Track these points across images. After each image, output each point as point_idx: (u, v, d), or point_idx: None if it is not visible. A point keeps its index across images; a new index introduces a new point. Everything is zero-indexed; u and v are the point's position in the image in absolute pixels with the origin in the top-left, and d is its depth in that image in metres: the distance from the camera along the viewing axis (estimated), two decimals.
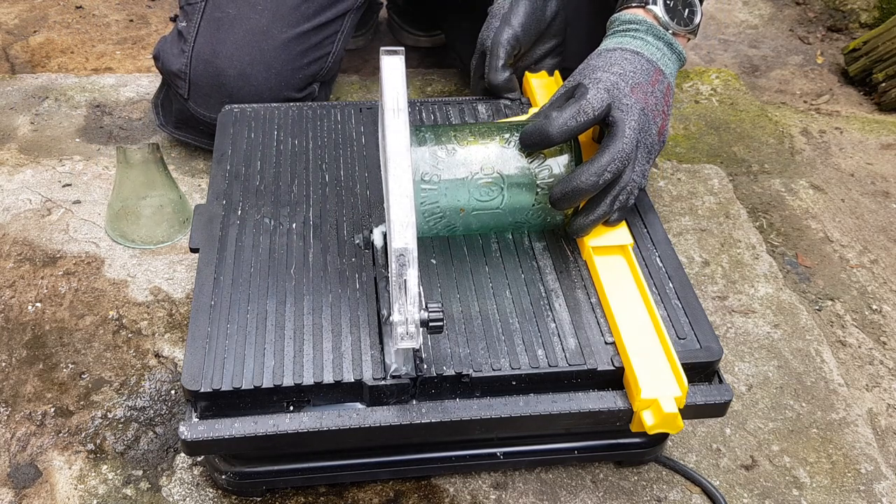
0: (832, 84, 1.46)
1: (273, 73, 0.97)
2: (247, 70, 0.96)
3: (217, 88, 0.96)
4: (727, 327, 0.88)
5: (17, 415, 0.75)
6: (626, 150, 0.68)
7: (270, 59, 0.96)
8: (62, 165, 1.04)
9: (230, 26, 0.96)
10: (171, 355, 0.81)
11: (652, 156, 0.73)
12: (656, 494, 0.72)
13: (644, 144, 0.71)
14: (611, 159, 0.68)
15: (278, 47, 0.97)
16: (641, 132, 0.71)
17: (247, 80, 0.96)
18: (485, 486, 0.71)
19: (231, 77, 0.95)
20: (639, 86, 0.72)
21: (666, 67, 0.76)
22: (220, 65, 0.95)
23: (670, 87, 0.77)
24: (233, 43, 0.96)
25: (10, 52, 1.38)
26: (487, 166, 0.69)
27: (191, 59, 0.96)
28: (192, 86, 0.97)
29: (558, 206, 0.69)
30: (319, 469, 0.68)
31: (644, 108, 0.71)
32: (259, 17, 0.97)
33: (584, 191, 0.67)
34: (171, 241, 0.93)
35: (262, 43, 0.96)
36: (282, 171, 0.80)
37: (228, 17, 0.97)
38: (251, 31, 0.96)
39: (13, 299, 0.86)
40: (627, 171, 0.70)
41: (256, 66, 0.96)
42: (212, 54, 0.96)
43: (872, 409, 0.82)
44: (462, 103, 0.90)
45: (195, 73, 0.96)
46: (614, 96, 0.70)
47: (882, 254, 1.01)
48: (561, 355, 0.63)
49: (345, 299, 0.67)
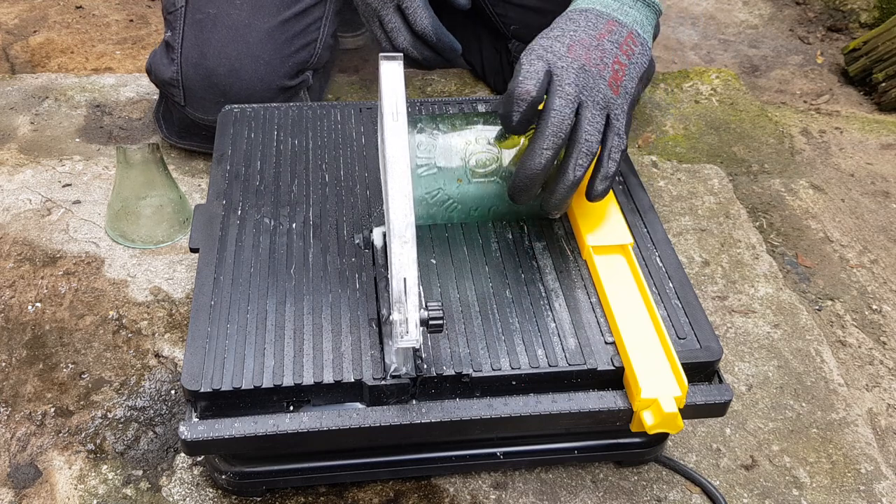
0: (832, 84, 1.46)
1: (262, 63, 0.97)
2: (235, 65, 0.96)
3: (210, 89, 0.97)
4: (727, 327, 0.88)
5: (17, 415, 0.75)
6: (556, 121, 0.65)
7: (257, 50, 0.97)
8: (62, 165, 1.04)
9: (213, 26, 0.97)
10: (171, 355, 0.81)
11: (612, 110, 0.69)
12: (656, 494, 0.72)
13: (593, 102, 0.68)
14: (543, 137, 0.65)
15: (263, 38, 0.97)
16: (584, 90, 0.67)
17: (237, 74, 0.96)
18: (485, 486, 0.71)
19: (221, 75, 0.96)
20: (579, 42, 0.69)
21: (625, 16, 0.73)
22: (208, 65, 0.96)
23: (632, 34, 0.73)
24: (218, 41, 0.96)
25: (10, 52, 1.38)
26: (482, 139, 0.71)
27: (181, 66, 0.97)
28: (186, 91, 0.98)
29: (518, 200, 0.68)
30: (319, 469, 0.68)
31: (584, 65, 0.68)
32: (239, 11, 0.98)
33: (532, 178, 0.66)
34: (171, 241, 0.93)
35: (247, 36, 0.97)
36: (282, 171, 0.80)
37: (209, 17, 0.97)
38: (233, 26, 0.97)
39: (13, 299, 0.86)
40: (579, 135, 0.67)
41: (244, 59, 0.96)
42: (200, 56, 0.96)
43: (872, 409, 0.82)
44: (462, 103, 0.90)
45: (186, 77, 0.97)
46: (549, 61, 0.68)
47: (882, 254, 1.01)
48: (561, 355, 0.63)
49: (345, 299, 0.67)
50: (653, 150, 1.14)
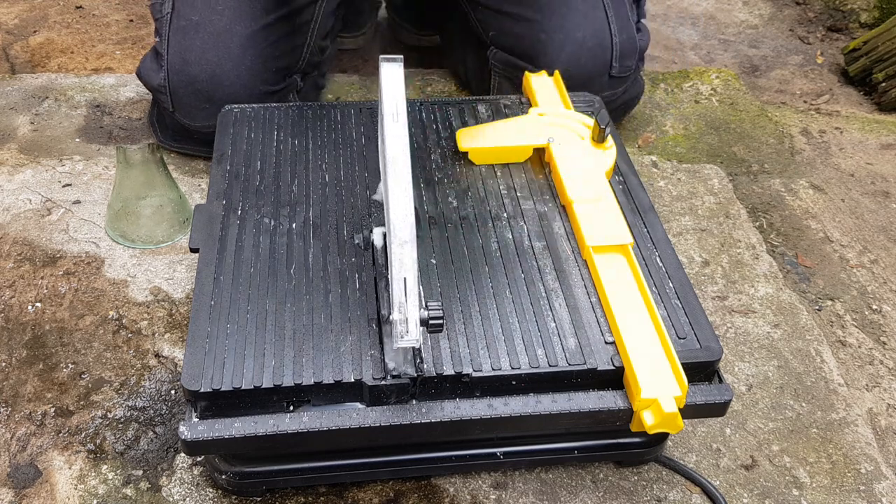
0: (832, 84, 1.46)
1: (244, 69, 0.97)
2: (216, 71, 0.96)
3: (194, 95, 0.97)
4: (727, 327, 0.88)
5: (17, 415, 0.75)
6: None
7: (238, 56, 0.97)
8: (62, 165, 1.04)
9: (195, 32, 0.97)
10: (171, 355, 0.81)
11: None
12: (656, 494, 0.72)
13: None
14: None
15: (244, 44, 0.97)
16: None
17: (218, 80, 0.96)
18: (485, 486, 0.71)
19: (203, 81, 0.96)
20: None
21: None
22: (191, 71, 0.96)
23: None
24: (199, 47, 0.97)
25: (10, 52, 1.38)
26: None
27: (167, 72, 0.98)
28: (173, 97, 0.98)
29: None
30: (319, 469, 0.68)
31: None
32: (220, 17, 0.98)
33: None
34: (171, 241, 0.93)
35: (228, 42, 0.97)
36: (282, 171, 0.80)
37: (192, 23, 0.98)
38: (215, 32, 0.97)
39: (13, 299, 0.86)
40: None
41: (225, 64, 0.96)
42: (182, 63, 0.97)
43: (872, 409, 0.82)
44: (462, 103, 0.90)
45: (172, 84, 0.98)
46: None
47: (882, 254, 1.01)
48: (561, 355, 0.63)
49: (345, 299, 0.67)
50: (653, 150, 1.14)
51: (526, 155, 0.83)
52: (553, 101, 0.89)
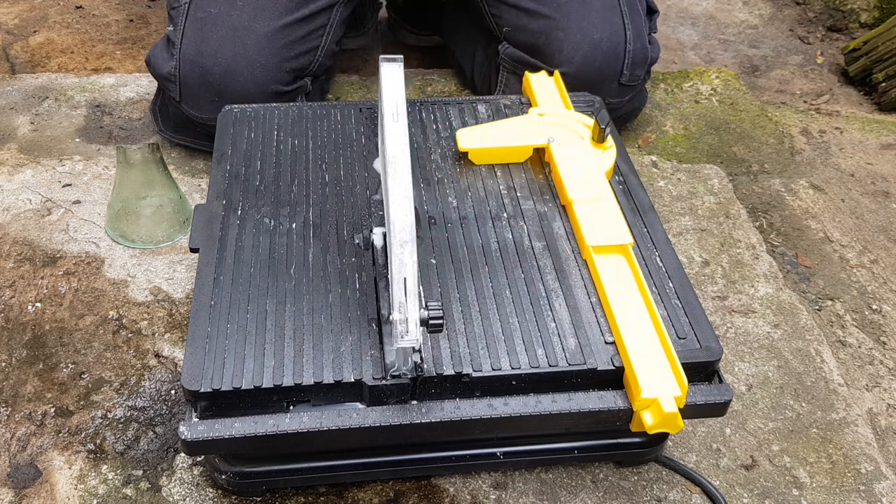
0: (832, 84, 1.46)
1: (258, 67, 0.97)
2: (231, 66, 0.96)
3: (205, 87, 0.97)
4: (727, 327, 0.88)
5: (17, 415, 0.75)
6: None
7: (254, 53, 0.97)
8: (62, 165, 1.04)
9: (213, 25, 0.97)
10: (171, 355, 0.81)
11: None
12: (656, 494, 0.72)
13: None
14: None
15: (261, 41, 0.97)
16: None
17: (232, 76, 0.96)
18: (485, 486, 0.71)
19: (216, 74, 0.96)
20: None
21: None
22: (205, 63, 0.96)
23: None
24: (216, 41, 0.96)
25: (10, 52, 1.38)
26: None
27: (179, 62, 0.97)
28: (182, 88, 0.98)
29: None
30: (319, 469, 0.68)
31: None
32: (240, 13, 0.98)
33: None
34: (171, 241, 0.93)
35: (245, 38, 0.97)
36: (282, 171, 0.80)
37: (210, 16, 0.98)
38: (233, 27, 0.97)
39: (13, 299, 0.86)
40: None
41: (240, 61, 0.96)
42: (197, 54, 0.96)
43: (872, 409, 0.82)
44: (462, 103, 0.90)
45: (184, 74, 0.97)
46: None
47: (882, 254, 1.01)
48: (561, 355, 0.63)
49: (345, 299, 0.67)
50: (653, 150, 1.14)
51: (526, 155, 0.83)
52: (553, 101, 0.89)
